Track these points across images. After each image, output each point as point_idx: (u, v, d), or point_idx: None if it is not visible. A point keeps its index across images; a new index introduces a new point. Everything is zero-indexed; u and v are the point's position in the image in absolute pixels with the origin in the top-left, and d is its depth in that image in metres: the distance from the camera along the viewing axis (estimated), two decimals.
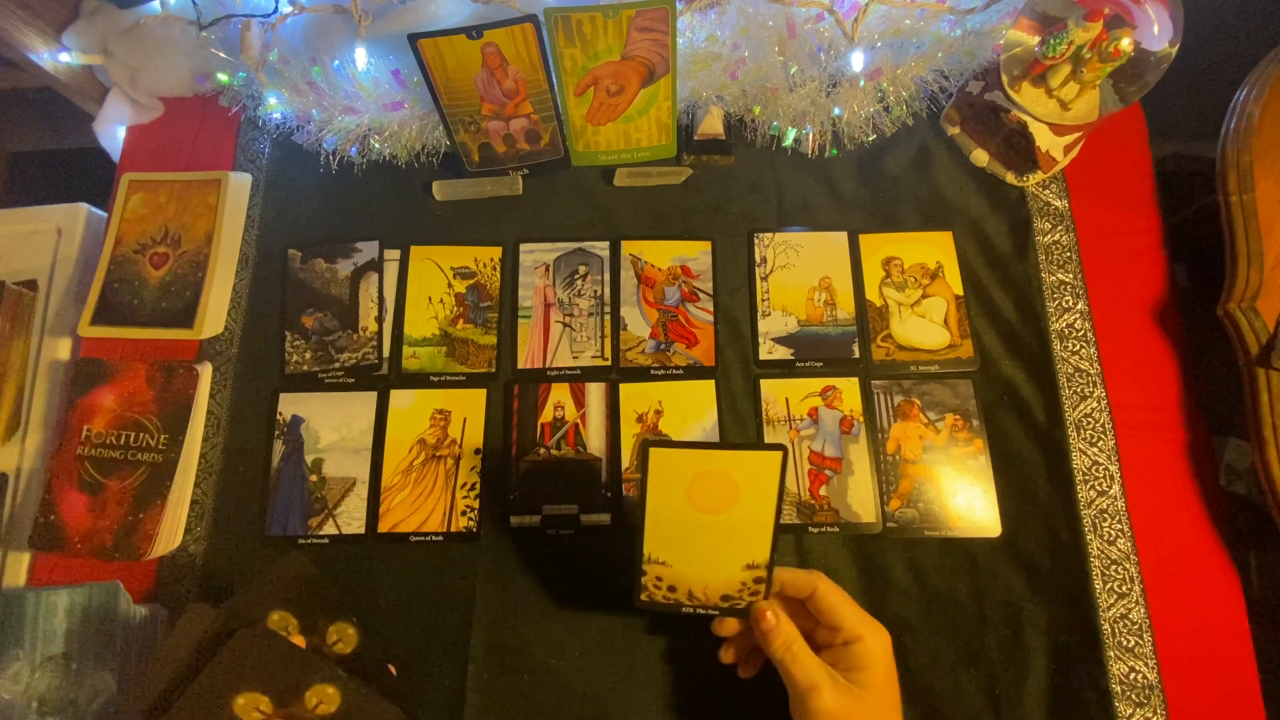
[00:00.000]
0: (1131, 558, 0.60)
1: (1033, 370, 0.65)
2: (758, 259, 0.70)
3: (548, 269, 0.70)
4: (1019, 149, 0.68)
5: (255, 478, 0.65)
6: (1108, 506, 0.61)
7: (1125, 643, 0.58)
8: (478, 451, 0.64)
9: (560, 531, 0.62)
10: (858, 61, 0.68)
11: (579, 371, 0.67)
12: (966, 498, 0.62)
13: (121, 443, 0.63)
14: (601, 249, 0.71)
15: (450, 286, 0.69)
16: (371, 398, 0.66)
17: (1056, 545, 0.60)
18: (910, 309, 0.68)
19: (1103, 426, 0.63)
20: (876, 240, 0.70)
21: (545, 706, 0.58)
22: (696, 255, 0.70)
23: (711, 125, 0.72)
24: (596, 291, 0.69)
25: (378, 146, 0.73)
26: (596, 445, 0.64)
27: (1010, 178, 0.71)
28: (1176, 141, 1.00)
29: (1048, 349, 0.66)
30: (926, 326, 0.67)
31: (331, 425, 0.65)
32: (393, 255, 0.71)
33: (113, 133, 0.80)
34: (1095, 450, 0.63)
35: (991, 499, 0.62)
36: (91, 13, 0.76)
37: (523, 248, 0.71)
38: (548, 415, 0.65)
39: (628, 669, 0.58)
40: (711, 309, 0.68)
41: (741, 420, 0.65)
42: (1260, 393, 0.58)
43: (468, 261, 0.70)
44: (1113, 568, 0.60)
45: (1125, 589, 0.59)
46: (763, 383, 0.66)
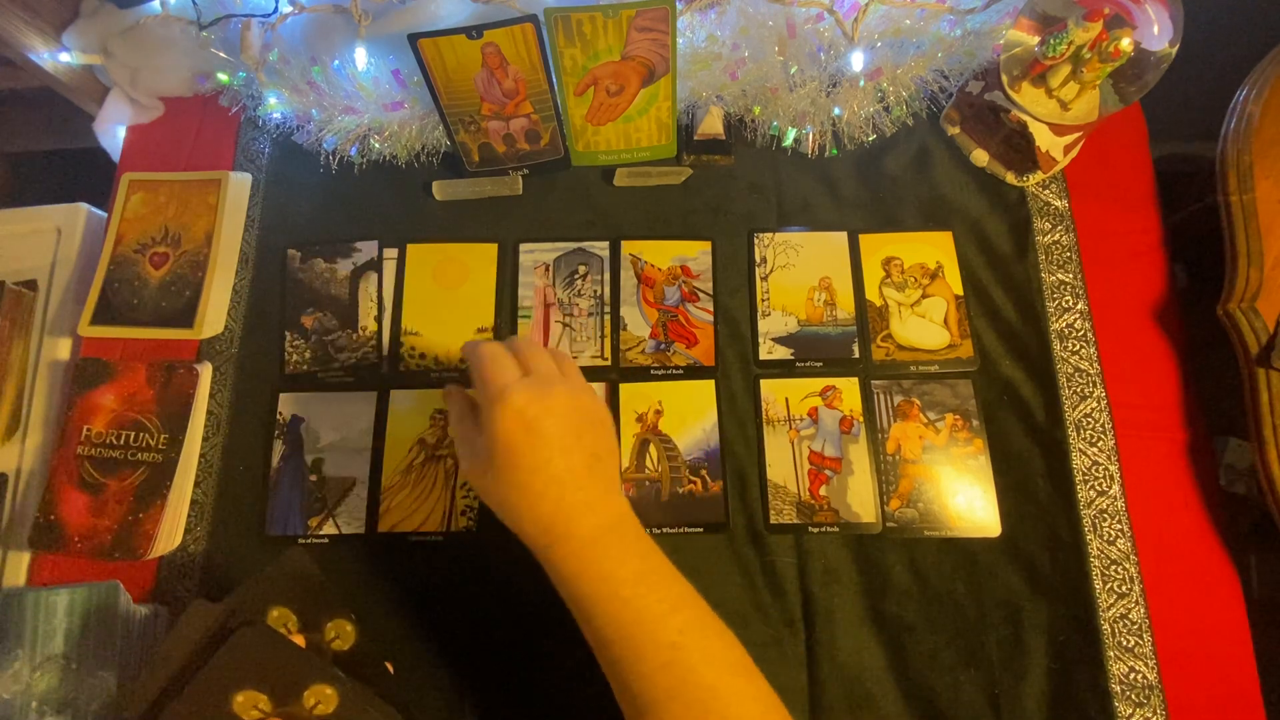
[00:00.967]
0: (1131, 558, 0.60)
1: (1033, 370, 0.65)
2: (758, 259, 0.70)
3: (547, 269, 0.70)
4: (1019, 149, 0.68)
5: (255, 478, 0.65)
6: (1108, 506, 0.61)
7: (1125, 643, 0.58)
8: None
9: None
10: (858, 61, 0.68)
11: None
12: (966, 498, 0.62)
13: (121, 443, 0.63)
14: (601, 249, 0.71)
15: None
16: (371, 398, 0.66)
17: (1056, 545, 0.60)
18: (910, 309, 0.68)
19: (1103, 426, 0.63)
20: (876, 240, 0.70)
21: (545, 706, 0.58)
22: (696, 255, 0.70)
23: (711, 125, 0.72)
24: (596, 291, 0.69)
25: (378, 146, 0.73)
26: None
27: (1010, 178, 0.71)
28: (1176, 141, 1.00)
29: (1048, 349, 0.66)
30: (926, 326, 0.67)
31: (331, 425, 0.65)
32: (392, 255, 0.71)
33: (113, 133, 0.80)
34: (1095, 450, 0.63)
35: (991, 499, 0.62)
36: (91, 13, 0.76)
37: (523, 248, 0.71)
38: None
39: None
40: (711, 309, 0.68)
41: (741, 420, 0.65)
42: (1260, 393, 0.58)
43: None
44: (1113, 568, 0.60)
45: (1125, 589, 0.59)
46: (763, 383, 0.66)
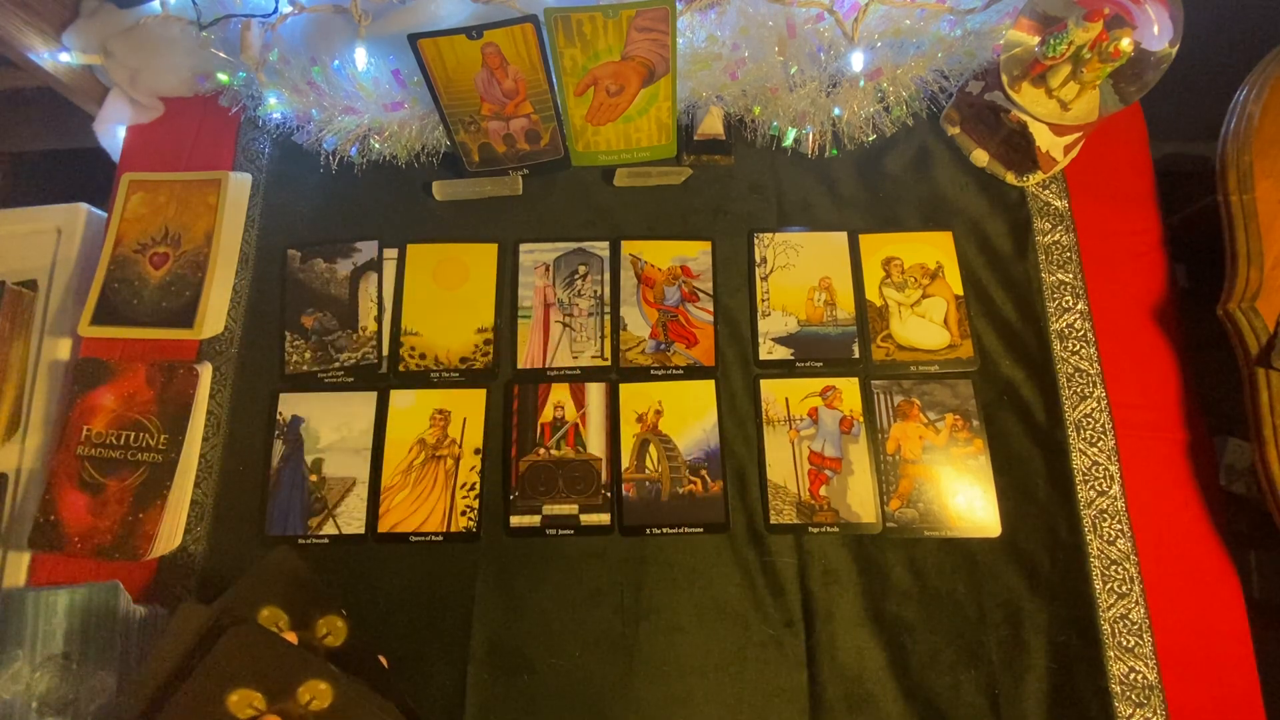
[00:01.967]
0: (1131, 558, 0.60)
1: (1033, 370, 0.65)
2: (758, 259, 0.70)
3: (548, 269, 0.70)
4: (1019, 149, 0.68)
5: (255, 478, 0.65)
6: (1108, 506, 0.61)
7: (1125, 643, 0.58)
8: (478, 451, 0.64)
9: (560, 531, 0.62)
10: (858, 61, 0.68)
11: (579, 371, 0.67)
12: (966, 498, 0.62)
13: (121, 443, 0.63)
14: (601, 249, 0.71)
15: None
16: (371, 398, 0.66)
17: (1056, 545, 0.60)
18: (910, 309, 0.68)
19: (1103, 426, 0.63)
20: (876, 240, 0.70)
21: (545, 706, 0.58)
22: (696, 255, 0.70)
23: (711, 125, 0.72)
24: (596, 291, 0.69)
25: (378, 146, 0.73)
26: (596, 445, 0.64)
27: (1010, 178, 0.71)
28: (1176, 141, 1.00)
29: (1048, 349, 0.66)
30: (926, 326, 0.67)
31: (331, 425, 0.65)
32: (391, 255, 0.71)
33: (113, 133, 0.80)
34: (1095, 450, 0.63)
35: (991, 499, 0.62)
36: (91, 13, 0.77)
37: (523, 248, 0.71)
38: (548, 415, 0.65)
39: (628, 669, 0.58)
40: (711, 309, 0.68)
41: (741, 420, 0.65)
42: (1260, 393, 0.58)
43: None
44: (1113, 568, 0.60)
45: (1125, 589, 0.59)
46: (763, 383, 0.66)
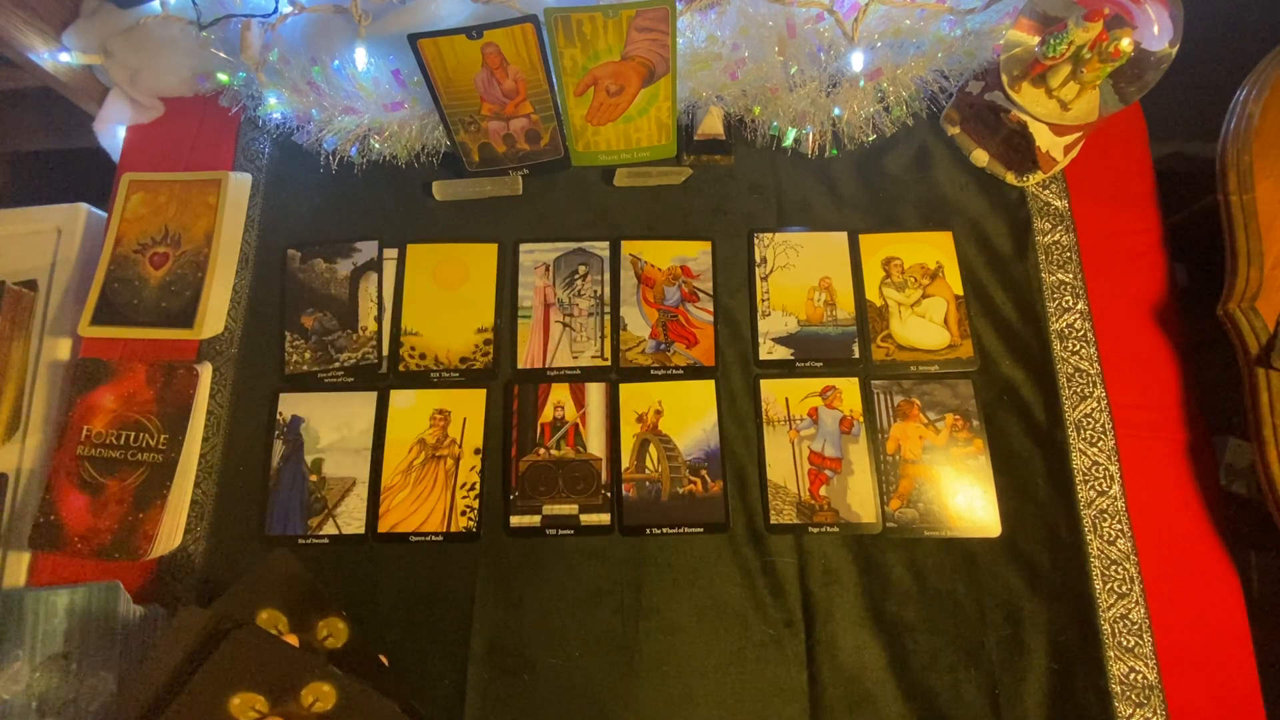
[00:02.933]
0: (1131, 558, 0.60)
1: (1033, 370, 0.65)
2: (758, 259, 0.70)
3: (548, 269, 0.70)
4: (1019, 149, 0.68)
5: (255, 478, 0.65)
6: (1108, 506, 0.61)
7: (1125, 643, 0.58)
8: (478, 451, 0.64)
9: (560, 531, 0.62)
10: (858, 61, 0.68)
11: (579, 371, 0.67)
12: (966, 498, 0.62)
13: (121, 443, 0.63)
14: (601, 249, 0.71)
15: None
16: (371, 398, 0.66)
17: (1056, 545, 0.60)
18: (910, 309, 0.68)
19: (1103, 426, 0.63)
20: (876, 240, 0.70)
21: (545, 706, 0.58)
22: (696, 255, 0.70)
23: (711, 125, 0.72)
24: (596, 291, 0.69)
25: (378, 146, 0.73)
26: (596, 445, 0.64)
27: (1010, 178, 0.71)
28: (1176, 141, 1.00)
29: (1048, 349, 0.66)
30: (926, 326, 0.67)
31: (331, 425, 0.65)
32: (391, 255, 0.71)
33: (113, 133, 0.80)
34: (1095, 450, 0.63)
35: (991, 499, 0.62)
36: (91, 13, 0.76)
37: (523, 248, 0.71)
38: (548, 415, 0.65)
39: (628, 669, 0.58)
40: (711, 309, 0.68)
41: (741, 420, 0.65)
42: (1260, 393, 0.58)
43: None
44: (1113, 568, 0.60)
45: (1125, 589, 0.59)
46: (763, 383, 0.66)
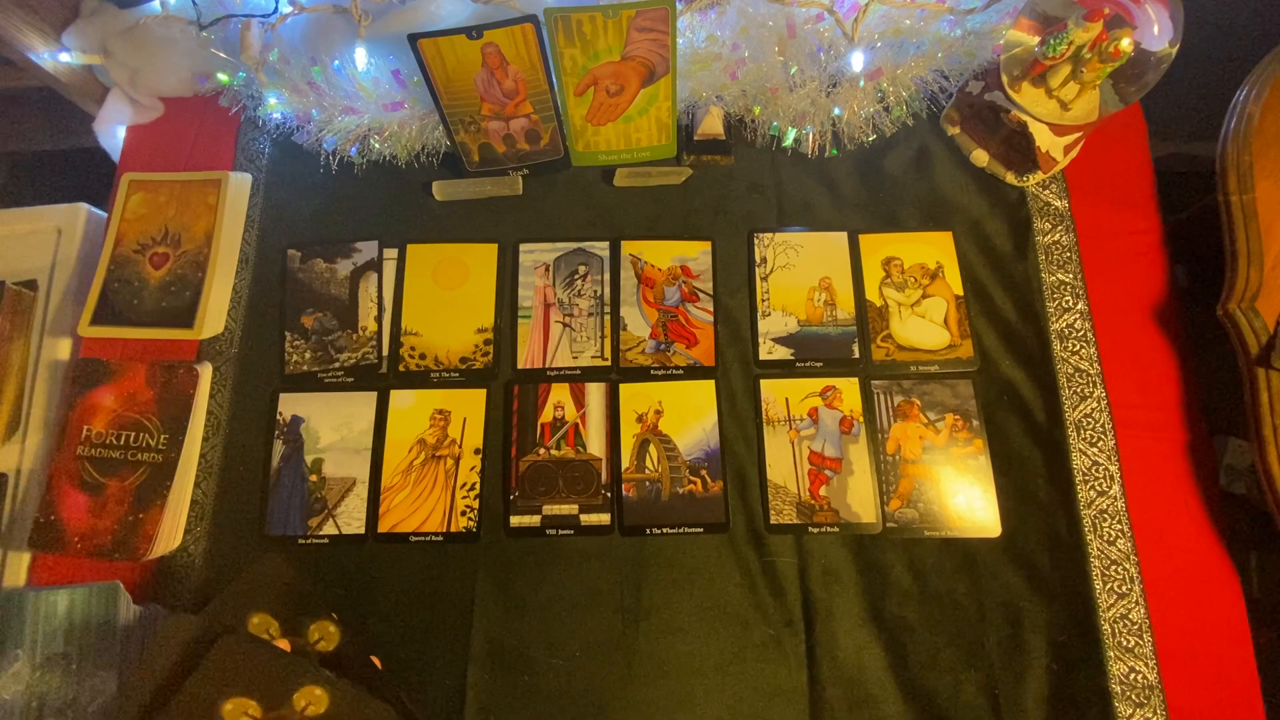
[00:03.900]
0: (1131, 558, 0.60)
1: (1033, 370, 0.65)
2: (758, 259, 0.70)
3: (548, 269, 0.70)
4: (1019, 149, 0.68)
5: (255, 478, 0.65)
6: (1108, 506, 0.61)
7: (1125, 643, 0.58)
8: (478, 451, 0.64)
9: (560, 531, 0.62)
10: (858, 61, 0.68)
11: (579, 371, 0.67)
12: (966, 498, 0.62)
13: (121, 443, 0.63)
14: (601, 249, 0.71)
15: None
16: (371, 398, 0.66)
17: (1056, 545, 0.60)
18: (910, 309, 0.68)
19: (1103, 426, 0.63)
20: (876, 240, 0.70)
21: (545, 706, 0.58)
22: (696, 255, 0.70)
23: (711, 125, 0.72)
24: (596, 291, 0.69)
25: (378, 146, 0.73)
26: (596, 445, 0.64)
27: (1010, 178, 0.71)
28: (1176, 141, 1.00)
29: (1048, 349, 0.66)
30: (926, 326, 0.67)
31: (331, 425, 0.65)
32: (391, 255, 0.71)
33: (113, 133, 0.80)
34: (1095, 450, 0.63)
35: (991, 499, 0.62)
36: (91, 13, 0.77)
37: (523, 248, 0.71)
38: (548, 415, 0.65)
39: (627, 669, 0.58)
40: (711, 309, 0.68)
41: (741, 420, 0.65)
42: (1260, 393, 0.58)
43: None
44: (1113, 568, 0.60)
45: (1125, 589, 0.59)
46: (763, 383, 0.66)
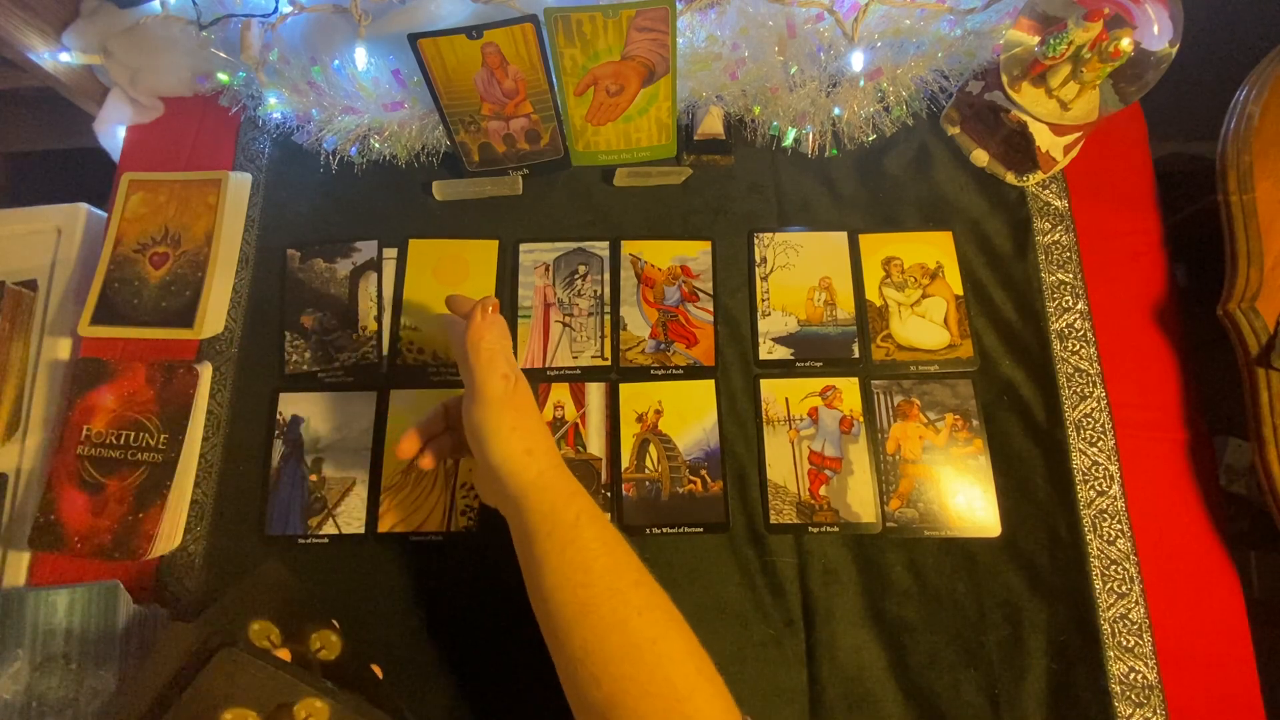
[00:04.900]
0: (1131, 558, 0.60)
1: (1033, 370, 0.65)
2: (758, 259, 0.70)
3: (547, 269, 0.70)
4: (1019, 149, 0.68)
5: (255, 478, 0.65)
6: (1108, 506, 0.61)
7: (1125, 643, 0.58)
8: None
9: None
10: (858, 61, 0.68)
11: (579, 371, 0.67)
12: (966, 498, 0.62)
13: (121, 442, 0.63)
14: (601, 249, 0.71)
15: None
16: (371, 397, 0.66)
17: (1056, 545, 0.60)
18: (910, 309, 0.68)
19: (1103, 426, 0.63)
20: (876, 240, 0.70)
21: (545, 707, 0.58)
22: (696, 255, 0.70)
23: (711, 125, 0.72)
24: (596, 291, 0.69)
25: (378, 146, 0.73)
26: (596, 445, 0.64)
27: (1010, 178, 0.71)
28: (1176, 141, 1.00)
29: (1048, 349, 0.66)
30: (926, 326, 0.67)
31: (331, 425, 0.65)
32: (391, 255, 0.71)
33: (113, 133, 0.80)
34: (1095, 450, 0.63)
35: (991, 499, 0.62)
36: (91, 13, 0.77)
37: (523, 248, 0.71)
38: (547, 415, 0.65)
39: None
40: (711, 309, 0.68)
41: (741, 420, 0.65)
42: (1260, 393, 0.58)
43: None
44: (1113, 568, 0.60)
45: (1125, 589, 0.59)
46: (763, 383, 0.66)
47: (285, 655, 0.49)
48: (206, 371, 0.67)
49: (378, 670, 0.54)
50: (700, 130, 0.72)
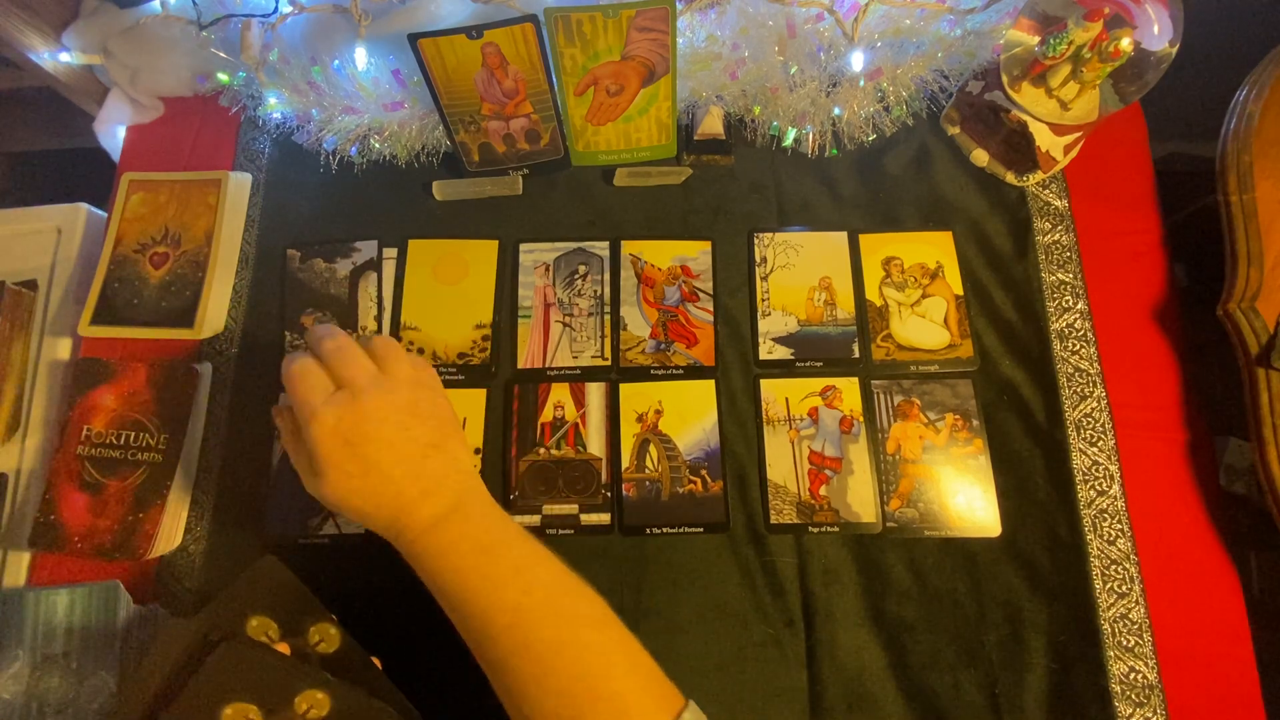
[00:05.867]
0: (1131, 558, 0.60)
1: (1033, 370, 0.65)
2: (758, 259, 0.70)
3: (548, 269, 0.70)
4: (1019, 149, 0.68)
5: (255, 478, 0.65)
6: (1108, 506, 0.61)
7: (1125, 642, 0.58)
8: (477, 451, 0.64)
9: (560, 531, 0.62)
10: (858, 61, 0.68)
11: (579, 371, 0.67)
12: (966, 498, 0.62)
13: (121, 443, 0.63)
14: (601, 249, 0.71)
15: None
16: None
17: (1056, 545, 0.60)
18: (910, 309, 0.68)
19: (1103, 426, 0.63)
20: (876, 240, 0.70)
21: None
22: (696, 255, 0.70)
23: (711, 125, 0.72)
24: (596, 291, 0.69)
25: (378, 146, 0.73)
26: (596, 445, 0.64)
27: (1010, 178, 0.71)
28: (1176, 141, 1.00)
29: (1048, 349, 0.66)
30: (926, 326, 0.67)
31: None
32: (391, 254, 0.71)
33: (113, 133, 0.80)
34: (1095, 450, 0.63)
35: (991, 499, 0.62)
36: (91, 13, 0.77)
37: (523, 248, 0.71)
38: (548, 415, 0.65)
39: None
40: (711, 309, 0.68)
41: (741, 420, 0.65)
42: (1260, 393, 0.58)
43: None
44: (1113, 568, 0.60)
45: (1125, 589, 0.59)
46: (763, 383, 0.66)
47: (284, 649, 0.49)
48: (206, 371, 0.67)
49: (377, 663, 0.54)
50: (700, 130, 0.72)
